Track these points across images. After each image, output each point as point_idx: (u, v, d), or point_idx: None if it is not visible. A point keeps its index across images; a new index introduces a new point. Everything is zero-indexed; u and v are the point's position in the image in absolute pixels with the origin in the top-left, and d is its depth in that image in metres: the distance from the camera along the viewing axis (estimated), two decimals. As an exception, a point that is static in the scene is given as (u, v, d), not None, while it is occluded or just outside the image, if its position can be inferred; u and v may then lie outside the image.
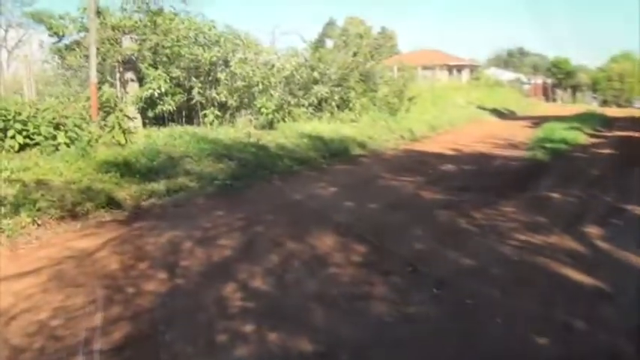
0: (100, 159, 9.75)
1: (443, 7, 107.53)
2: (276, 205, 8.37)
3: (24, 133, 10.27)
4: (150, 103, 14.45)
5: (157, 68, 14.44)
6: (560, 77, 59.68)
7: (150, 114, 14.58)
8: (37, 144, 10.33)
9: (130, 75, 14.38)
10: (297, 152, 12.82)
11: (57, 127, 10.61)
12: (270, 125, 15.59)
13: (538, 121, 23.81)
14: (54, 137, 10.43)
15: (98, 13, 13.65)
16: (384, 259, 5.80)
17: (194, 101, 14.96)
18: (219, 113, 15.11)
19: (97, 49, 12.85)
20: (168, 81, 14.36)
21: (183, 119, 15.39)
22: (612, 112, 35.07)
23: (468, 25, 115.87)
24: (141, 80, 14.48)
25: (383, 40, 62.54)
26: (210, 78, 15.57)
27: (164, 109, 14.52)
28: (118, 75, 14.47)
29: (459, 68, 49.86)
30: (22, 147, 10.21)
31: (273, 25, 21.73)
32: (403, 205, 8.40)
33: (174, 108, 14.73)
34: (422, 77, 33.86)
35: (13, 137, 10.12)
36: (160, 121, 14.85)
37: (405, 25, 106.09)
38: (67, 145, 10.38)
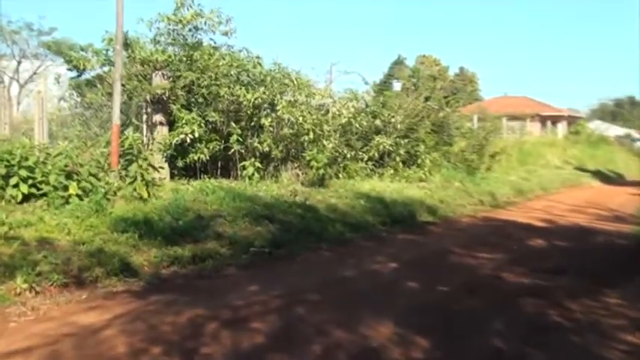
0: (117, 215, 9.87)
1: (534, 44, 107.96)
2: (322, 282, 8.26)
3: (30, 181, 10.48)
4: (180, 150, 14.71)
5: (190, 110, 14.76)
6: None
7: (179, 163, 14.81)
8: (44, 195, 10.50)
9: (158, 117, 14.73)
10: (352, 216, 12.81)
11: (69, 175, 10.79)
12: (321, 182, 15.62)
13: (653, 188, 23.19)
14: (64, 187, 10.58)
15: (126, 45, 14.16)
16: None
17: (232, 150, 15.10)
18: (260, 165, 15.20)
19: (123, 86, 13.26)
20: (203, 125, 14.63)
21: (218, 171, 15.59)
22: None
23: (566, 69, 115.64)
24: (171, 124, 14.78)
25: (461, 84, 62.87)
26: (252, 123, 15.77)
27: (196, 158, 14.73)
28: (145, 117, 14.86)
29: (554, 120, 49.36)
30: (27, 197, 10.41)
31: (329, 63, 21.91)
32: (480, 289, 8.17)
33: (209, 157, 14.92)
34: (507, 129, 33.62)
35: (16, 186, 10.33)
36: (191, 172, 15.08)
37: (488, 65, 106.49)
38: (80, 198, 10.52)
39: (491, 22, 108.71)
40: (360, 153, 17.47)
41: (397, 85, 33.83)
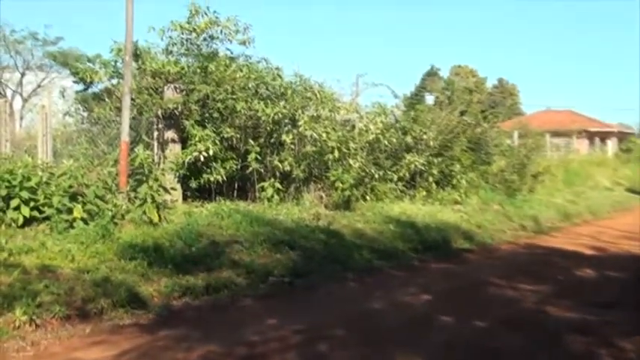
0: (125, 241, 9.93)
1: (580, 53, 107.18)
2: (348, 315, 8.21)
3: (32, 203, 10.60)
4: (194, 170, 14.75)
5: (205, 126, 14.78)
6: None
7: (193, 184, 14.83)
8: (46, 218, 10.63)
9: (170, 134, 14.79)
10: (380, 242, 12.74)
11: (74, 197, 10.89)
12: (347, 204, 15.57)
13: None
14: (69, 210, 10.68)
15: (136, 56, 14.28)
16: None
17: (250, 170, 15.11)
18: (280, 186, 15.19)
19: (132, 100, 13.38)
20: (218, 143, 14.64)
21: (235, 192, 15.59)
22: None
23: (615, 80, 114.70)
24: (184, 141, 14.82)
25: (500, 97, 62.79)
26: (271, 140, 15.80)
27: (211, 178, 14.75)
28: (155, 133, 14.94)
29: (603, 136, 49.01)
30: (28, 221, 10.52)
31: (356, 75, 21.89)
32: (521, 324, 8.07)
33: (225, 178, 14.93)
34: (551, 147, 33.38)
35: (17, 208, 10.45)
36: (205, 193, 15.12)
37: (530, 77, 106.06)
38: (85, 222, 10.60)
39: (533, 29, 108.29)
40: (390, 173, 17.37)
41: (430, 99, 33.90)
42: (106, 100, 15.15)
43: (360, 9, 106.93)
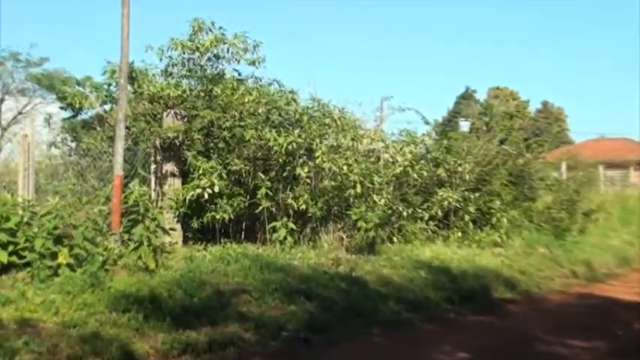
0: (117, 290, 9.88)
1: (636, 74, 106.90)
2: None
3: (10, 247, 10.56)
4: (196, 208, 14.63)
5: (209, 158, 14.73)
6: None
7: (195, 224, 14.69)
8: (28, 264, 10.57)
9: (170, 167, 14.73)
10: (410, 291, 12.65)
11: (59, 240, 10.86)
12: (371, 247, 15.44)
13: None
14: (53, 255, 10.62)
15: (131, 78, 14.29)
16: None
17: (260, 208, 14.98)
18: (294, 227, 15.04)
19: (127, 128, 13.41)
20: (224, 177, 14.51)
21: (243, 233, 15.51)
22: None
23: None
24: (186, 175, 14.77)
25: (545, 122, 62.79)
26: (284, 174, 15.65)
27: (216, 217, 14.60)
28: (153, 166, 14.87)
29: (666, 168, 48.75)
30: (6, 268, 10.48)
31: (380, 98, 21.79)
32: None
33: (231, 216, 14.82)
34: (605, 180, 33.22)
35: (-7, 253, 10.42)
36: (209, 234, 14.98)
37: (579, 100, 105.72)
38: (71, 268, 10.56)
39: (582, 46, 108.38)
40: (420, 211, 17.22)
41: (465, 125, 33.78)
42: (97, 128, 15.18)
43: (384, 25, 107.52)
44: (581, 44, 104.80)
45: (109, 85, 15.10)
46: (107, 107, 15.32)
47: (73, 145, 16.34)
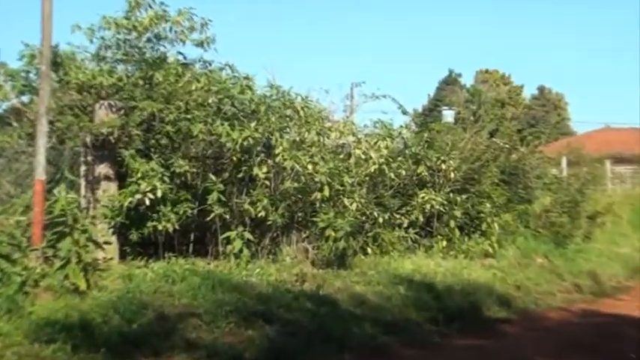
0: (40, 317, 9.66)
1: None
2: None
3: None
4: (135, 217, 14.41)
5: (150, 158, 14.52)
6: None
7: (134, 236, 14.48)
8: None
9: (103, 168, 14.47)
10: (388, 311, 12.64)
11: (-34, 258, 10.67)
12: (341, 260, 15.42)
13: None
14: (-41, 277, 10.50)
15: (56, 64, 13.95)
16: None
17: (211, 216, 14.88)
18: (252, 237, 14.93)
19: (51, 123, 13.11)
20: (168, 179, 14.34)
21: (191, 246, 15.38)
22: None
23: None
24: (122, 178, 14.55)
25: (542, 111, 63.26)
26: (239, 175, 15.54)
27: (159, 227, 14.41)
28: (83, 168, 14.61)
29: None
30: None
31: (350, 84, 21.74)
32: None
33: (177, 226, 14.63)
34: (613, 177, 33.54)
35: None
36: (151, 248, 14.79)
37: (580, 85, 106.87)
38: (-18, 292, 10.42)
39: (583, 24, 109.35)
40: (398, 216, 17.34)
41: (449, 115, 34.10)
42: (14, 124, 14.89)
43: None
44: (584, 20, 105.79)
45: (28, 72, 14.73)
46: (26, 99, 15.00)
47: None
